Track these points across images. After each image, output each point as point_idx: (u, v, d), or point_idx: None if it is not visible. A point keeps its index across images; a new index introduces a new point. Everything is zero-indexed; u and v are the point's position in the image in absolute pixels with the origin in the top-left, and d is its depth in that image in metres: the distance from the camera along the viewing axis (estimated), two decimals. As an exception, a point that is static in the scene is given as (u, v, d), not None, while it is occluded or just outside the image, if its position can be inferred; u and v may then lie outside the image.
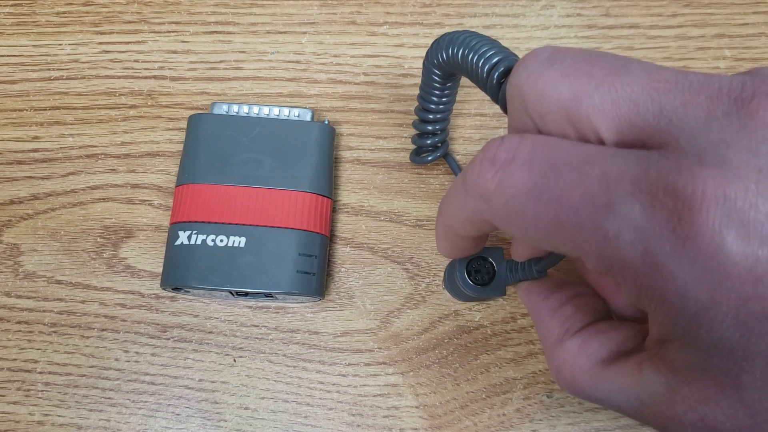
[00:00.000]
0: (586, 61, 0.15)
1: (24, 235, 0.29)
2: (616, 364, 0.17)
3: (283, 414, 0.27)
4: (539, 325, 0.20)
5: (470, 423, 0.27)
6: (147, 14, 0.31)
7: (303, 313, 0.28)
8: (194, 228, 0.26)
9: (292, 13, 0.31)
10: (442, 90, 0.25)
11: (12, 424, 0.27)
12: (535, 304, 0.21)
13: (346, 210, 0.29)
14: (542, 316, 0.20)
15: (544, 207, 0.14)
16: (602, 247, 0.13)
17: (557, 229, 0.14)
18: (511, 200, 0.15)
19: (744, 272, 0.12)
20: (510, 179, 0.15)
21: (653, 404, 0.15)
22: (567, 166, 0.14)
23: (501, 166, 0.15)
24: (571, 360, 0.18)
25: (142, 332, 0.28)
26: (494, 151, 0.15)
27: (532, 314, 0.21)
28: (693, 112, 0.13)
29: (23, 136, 0.30)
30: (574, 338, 0.18)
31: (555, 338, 0.19)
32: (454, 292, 0.26)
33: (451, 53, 0.21)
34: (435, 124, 0.26)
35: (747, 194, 0.12)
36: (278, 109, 0.27)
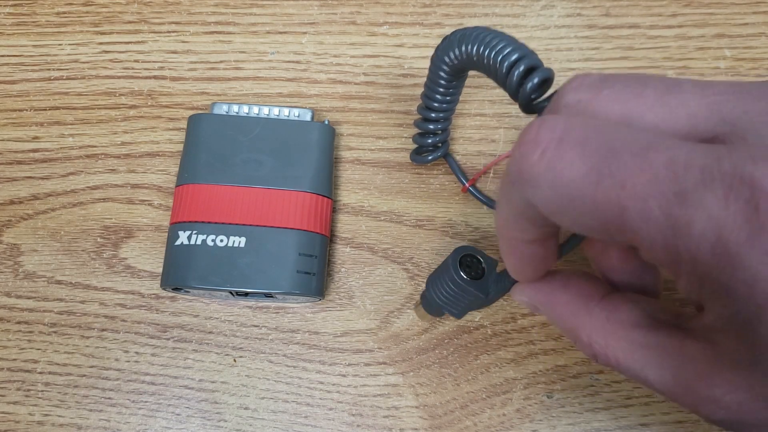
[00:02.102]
0: (638, 84, 0.15)
1: (24, 235, 0.29)
2: (653, 332, 0.16)
3: (283, 414, 0.27)
4: (554, 310, 0.19)
5: (470, 423, 0.27)
6: (147, 14, 0.31)
7: (303, 313, 0.28)
8: (194, 228, 0.26)
9: (292, 13, 0.31)
10: (447, 88, 0.25)
11: (12, 424, 0.27)
12: (540, 291, 0.19)
13: (346, 210, 0.29)
14: (555, 300, 0.19)
15: (605, 193, 0.13)
16: (670, 236, 0.13)
17: (619, 218, 0.13)
18: (565, 185, 0.14)
19: None
20: (561, 161, 0.14)
21: (688, 381, 0.15)
22: (628, 151, 0.13)
23: (547, 146, 0.14)
24: (601, 325, 0.17)
25: (142, 332, 0.28)
26: (535, 131, 0.14)
27: (543, 306, 0.19)
28: (757, 117, 0.13)
29: (23, 136, 0.30)
30: (600, 305, 0.18)
31: (580, 310, 0.18)
32: (433, 299, 0.24)
33: (465, 49, 0.21)
34: (437, 123, 0.27)
35: None
36: (278, 109, 0.27)
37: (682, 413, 0.26)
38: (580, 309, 0.18)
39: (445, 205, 0.29)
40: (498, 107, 0.30)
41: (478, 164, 0.29)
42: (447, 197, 0.29)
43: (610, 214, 0.13)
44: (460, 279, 0.22)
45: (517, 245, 0.18)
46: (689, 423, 0.26)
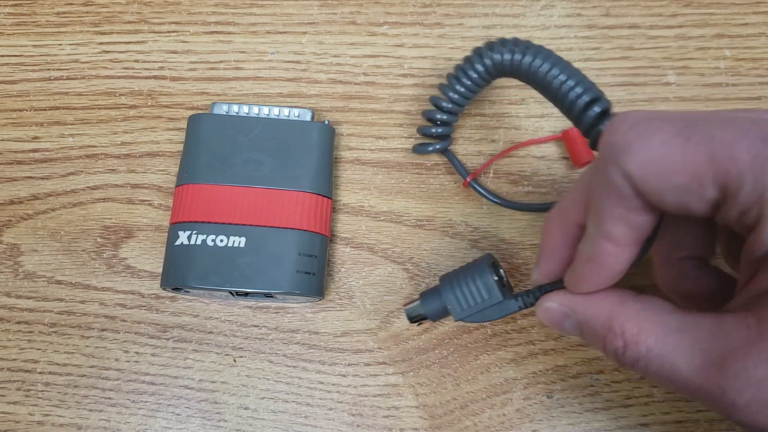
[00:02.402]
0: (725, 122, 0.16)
1: (24, 235, 0.29)
2: (688, 316, 0.17)
3: (283, 414, 0.27)
4: (589, 308, 0.19)
5: (470, 423, 0.27)
6: (147, 14, 0.31)
7: (303, 313, 0.28)
8: (194, 228, 0.26)
9: (292, 13, 0.31)
10: (475, 84, 0.26)
11: (12, 424, 0.27)
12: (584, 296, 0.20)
13: (346, 210, 0.29)
14: (591, 299, 0.19)
15: (696, 146, 0.15)
16: (759, 173, 0.14)
17: (708, 165, 0.15)
18: (656, 146, 0.15)
19: None
20: (650, 128, 0.16)
21: (720, 357, 0.16)
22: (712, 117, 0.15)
23: (635, 121, 0.16)
24: (635, 314, 0.18)
25: (142, 332, 0.28)
26: (621, 116, 0.16)
27: (577, 307, 0.20)
28: None
29: (23, 136, 0.30)
30: (635, 299, 0.18)
31: (614, 303, 0.19)
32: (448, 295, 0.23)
33: (529, 62, 0.23)
34: (449, 115, 0.27)
35: None
36: (278, 109, 0.27)
37: (681, 413, 0.26)
38: (614, 303, 0.19)
39: (445, 205, 0.29)
40: (498, 107, 0.30)
41: (478, 164, 0.29)
42: (447, 197, 0.29)
43: (700, 162, 0.15)
44: (488, 277, 0.22)
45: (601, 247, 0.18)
46: (689, 423, 0.26)
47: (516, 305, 0.22)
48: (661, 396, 0.27)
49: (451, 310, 0.23)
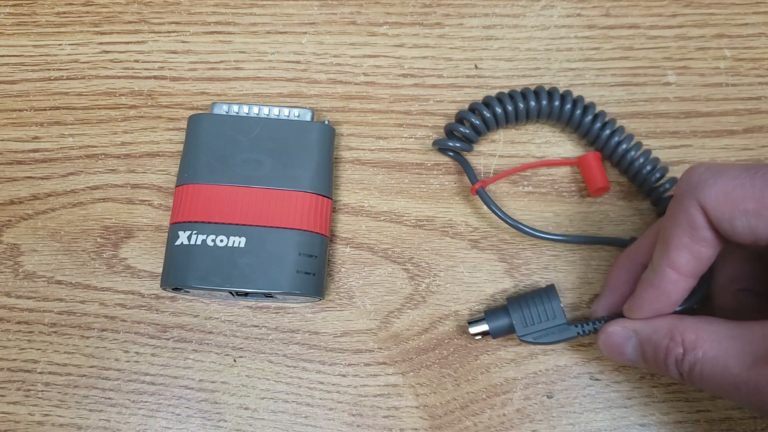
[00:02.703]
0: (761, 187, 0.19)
1: (24, 235, 0.29)
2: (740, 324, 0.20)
3: (283, 414, 0.27)
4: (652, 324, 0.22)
5: (470, 423, 0.27)
6: (147, 14, 0.31)
7: (303, 313, 0.28)
8: (194, 228, 0.26)
9: (292, 13, 0.31)
10: (521, 116, 0.28)
11: (12, 424, 0.27)
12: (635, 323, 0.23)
13: (346, 210, 0.29)
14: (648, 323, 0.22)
15: (761, 180, 0.18)
16: None
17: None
18: (728, 180, 0.18)
19: None
20: (722, 168, 0.19)
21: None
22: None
23: (709, 165, 0.19)
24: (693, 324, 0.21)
25: (142, 332, 0.28)
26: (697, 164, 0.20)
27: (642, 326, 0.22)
28: None
29: (23, 136, 0.30)
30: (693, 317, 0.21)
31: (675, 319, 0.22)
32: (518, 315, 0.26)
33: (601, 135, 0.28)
34: (483, 125, 0.28)
35: None
36: (278, 109, 0.27)
37: (681, 413, 0.26)
38: (674, 319, 0.21)
39: (445, 205, 0.29)
40: (498, 107, 0.30)
41: (478, 164, 0.29)
42: (447, 197, 0.29)
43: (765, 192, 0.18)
44: (556, 301, 0.25)
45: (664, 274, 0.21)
46: (688, 423, 0.26)
47: (575, 331, 0.25)
48: (661, 396, 0.27)
49: (516, 326, 0.25)
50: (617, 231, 0.28)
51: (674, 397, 0.27)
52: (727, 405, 0.26)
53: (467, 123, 0.28)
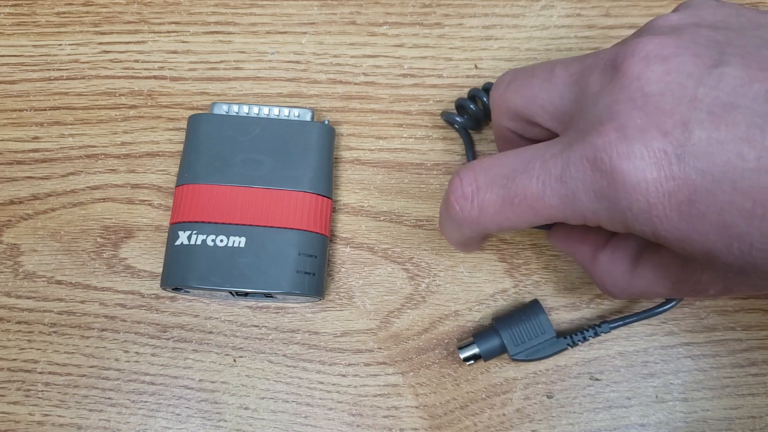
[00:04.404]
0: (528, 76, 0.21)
1: (24, 235, 0.29)
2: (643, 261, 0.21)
3: (283, 414, 0.27)
4: (576, 255, 0.23)
5: (470, 423, 0.27)
6: (147, 14, 0.31)
7: (303, 313, 0.28)
8: (194, 228, 0.26)
9: (292, 13, 0.31)
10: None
11: (12, 424, 0.27)
12: (567, 242, 0.24)
13: (346, 210, 0.29)
14: (575, 247, 0.23)
15: (519, 207, 0.19)
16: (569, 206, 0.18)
17: (535, 216, 0.19)
18: (494, 215, 0.20)
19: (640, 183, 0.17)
20: (486, 203, 0.20)
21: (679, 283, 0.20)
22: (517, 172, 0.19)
23: (472, 197, 0.20)
24: (607, 269, 0.22)
25: (142, 332, 0.28)
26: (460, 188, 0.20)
27: (569, 251, 0.24)
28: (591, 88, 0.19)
29: (23, 136, 0.30)
30: (605, 251, 0.22)
31: (590, 258, 0.22)
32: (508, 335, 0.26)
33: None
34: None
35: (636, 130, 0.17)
36: (278, 109, 0.27)
37: (681, 413, 0.26)
38: (591, 257, 0.22)
39: (445, 205, 0.29)
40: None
41: (478, 164, 0.29)
42: (447, 197, 0.29)
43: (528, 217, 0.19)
44: (543, 316, 0.26)
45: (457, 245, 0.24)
46: (687, 423, 0.26)
47: (565, 343, 0.26)
48: (660, 396, 0.27)
49: (507, 345, 0.25)
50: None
51: (674, 397, 0.27)
52: (727, 405, 0.26)
53: (479, 102, 0.28)
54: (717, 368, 0.27)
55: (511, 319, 0.26)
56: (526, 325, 0.26)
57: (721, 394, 0.27)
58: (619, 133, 0.17)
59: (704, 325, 0.27)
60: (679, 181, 0.17)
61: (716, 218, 0.17)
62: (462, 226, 0.21)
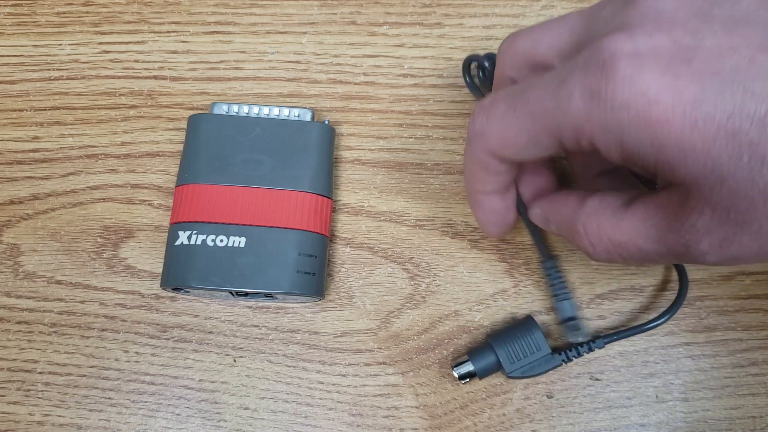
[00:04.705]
0: (539, 25, 0.22)
1: (24, 235, 0.29)
2: (634, 206, 0.20)
3: (283, 414, 0.27)
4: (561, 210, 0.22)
5: (470, 423, 0.27)
6: (147, 14, 0.31)
7: (303, 313, 0.28)
8: (194, 228, 0.26)
9: (292, 13, 0.31)
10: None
11: (12, 424, 0.27)
12: (552, 203, 0.23)
13: (346, 210, 0.29)
14: (560, 202, 0.23)
15: (520, 113, 0.19)
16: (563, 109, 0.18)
17: (533, 124, 0.19)
18: (498, 122, 0.20)
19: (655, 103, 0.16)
20: (494, 111, 0.20)
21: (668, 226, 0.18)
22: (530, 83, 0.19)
23: (488, 107, 0.20)
24: (595, 212, 0.21)
25: (142, 332, 0.28)
26: (479, 106, 0.21)
27: (552, 211, 0.23)
28: (603, 16, 0.19)
29: (23, 136, 0.30)
30: (594, 196, 0.21)
31: (576, 205, 0.21)
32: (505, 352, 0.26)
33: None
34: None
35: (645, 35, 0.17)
36: (278, 109, 0.27)
37: (681, 413, 0.26)
38: (575, 206, 0.21)
39: (445, 205, 0.29)
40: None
41: (478, 164, 0.29)
42: (447, 197, 0.29)
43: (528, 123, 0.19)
44: (539, 333, 0.26)
45: (482, 200, 0.24)
46: (687, 423, 0.26)
47: (560, 359, 0.26)
48: (660, 396, 0.27)
49: (503, 363, 0.25)
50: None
51: (674, 397, 0.27)
52: (727, 405, 0.26)
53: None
54: (717, 368, 0.27)
55: (506, 336, 0.26)
56: (521, 342, 0.26)
57: (722, 394, 0.27)
58: (626, 34, 0.17)
59: (704, 325, 0.27)
60: (685, 81, 0.16)
61: (725, 123, 0.15)
62: (472, 141, 0.21)
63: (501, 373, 0.26)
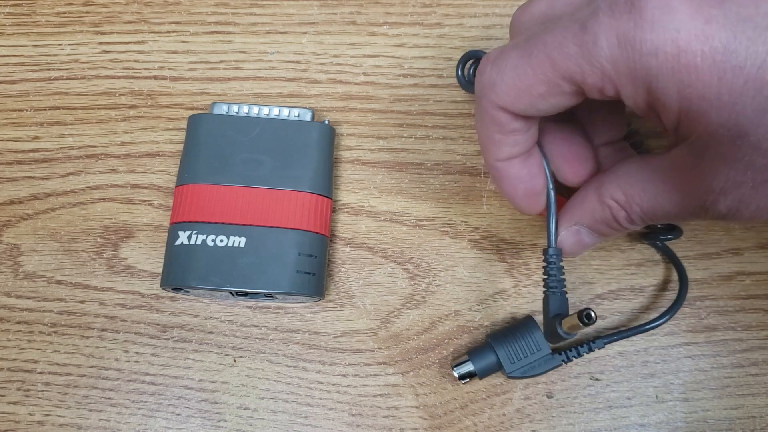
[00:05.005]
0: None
1: (24, 235, 0.29)
2: (650, 164, 0.20)
3: (283, 414, 0.27)
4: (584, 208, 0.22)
5: (470, 423, 0.27)
6: (147, 14, 0.31)
7: (303, 313, 0.28)
8: (194, 228, 0.26)
9: (292, 13, 0.31)
10: None
11: (12, 424, 0.27)
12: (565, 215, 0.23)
13: (346, 210, 0.29)
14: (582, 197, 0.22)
15: (537, 59, 0.18)
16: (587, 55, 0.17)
17: (552, 72, 0.18)
18: (511, 72, 0.18)
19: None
20: (506, 61, 0.19)
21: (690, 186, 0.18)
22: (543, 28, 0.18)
23: (496, 59, 0.19)
24: (615, 182, 0.21)
25: (142, 332, 0.28)
26: (488, 56, 0.20)
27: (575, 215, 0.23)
28: None
29: (23, 136, 0.30)
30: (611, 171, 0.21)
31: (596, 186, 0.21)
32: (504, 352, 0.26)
33: None
34: None
35: None
36: (278, 109, 0.27)
37: (681, 413, 0.26)
38: (595, 186, 0.22)
39: (445, 205, 0.29)
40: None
41: (478, 164, 0.29)
42: (447, 197, 0.29)
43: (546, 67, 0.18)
44: (538, 333, 0.26)
45: (502, 169, 0.22)
46: (687, 423, 0.26)
47: (560, 359, 0.26)
48: (660, 396, 0.27)
49: (504, 363, 0.25)
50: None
51: (674, 397, 0.27)
52: (727, 405, 0.26)
53: None
54: (717, 368, 0.27)
55: (506, 336, 0.26)
56: (521, 342, 0.26)
57: (722, 394, 0.27)
58: None
59: (704, 325, 0.27)
60: (716, 26, 0.15)
61: (755, 74, 0.15)
62: (482, 97, 0.19)
63: (501, 373, 0.26)
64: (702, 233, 0.28)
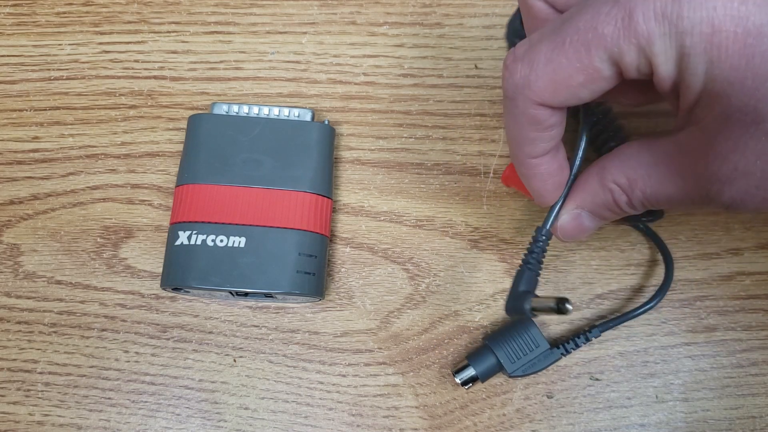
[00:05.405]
0: None
1: (24, 235, 0.29)
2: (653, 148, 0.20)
3: (283, 414, 0.27)
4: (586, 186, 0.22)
5: (470, 423, 0.27)
6: (147, 14, 0.31)
7: (303, 313, 0.28)
8: (194, 228, 0.26)
9: (292, 13, 0.31)
10: None
11: (12, 424, 0.27)
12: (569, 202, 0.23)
13: (346, 210, 0.29)
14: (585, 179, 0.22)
15: (572, 46, 0.17)
16: (624, 31, 0.16)
17: (588, 56, 0.17)
18: (545, 65, 0.18)
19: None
20: (537, 55, 0.18)
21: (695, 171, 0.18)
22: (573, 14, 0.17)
23: (524, 55, 0.18)
24: (619, 167, 0.20)
25: (142, 332, 0.28)
26: (513, 53, 0.18)
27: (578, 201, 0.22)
28: None
29: (23, 136, 0.30)
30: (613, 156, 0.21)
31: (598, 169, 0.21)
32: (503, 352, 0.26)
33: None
34: None
35: None
36: (278, 109, 0.27)
37: (682, 413, 0.26)
38: (597, 170, 0.21)
39: (445, 205, 0.29)
40: (498, 107, 0.30)
41: (478, 164, 0.29)
42: (447, 197, 0.29)
43: (581, 53, 0.17)
44: (535, 330, 0.26)
45: (536, 165, 0.21)
46: (687, 423, 0.26)
47: (558, 353, 0.26)
48: (660, 396, 0.27)
49: (504, 364, 0.25)
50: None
51: (673, 397, 0.27)
52: (727, 405, 0.26)
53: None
54: (717, 368, 0.27)
55: (503, 336, 0.26)
56: (519, 341, 0.26)
57: (722, 394, 0.27)
58: None
59: (704, 325, 0.27)
60: (752, 6, 0.15)
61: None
62: (515, 98, 0.19)
63: (502, 373, 0.26)
64: (702, 233, 0.28)
